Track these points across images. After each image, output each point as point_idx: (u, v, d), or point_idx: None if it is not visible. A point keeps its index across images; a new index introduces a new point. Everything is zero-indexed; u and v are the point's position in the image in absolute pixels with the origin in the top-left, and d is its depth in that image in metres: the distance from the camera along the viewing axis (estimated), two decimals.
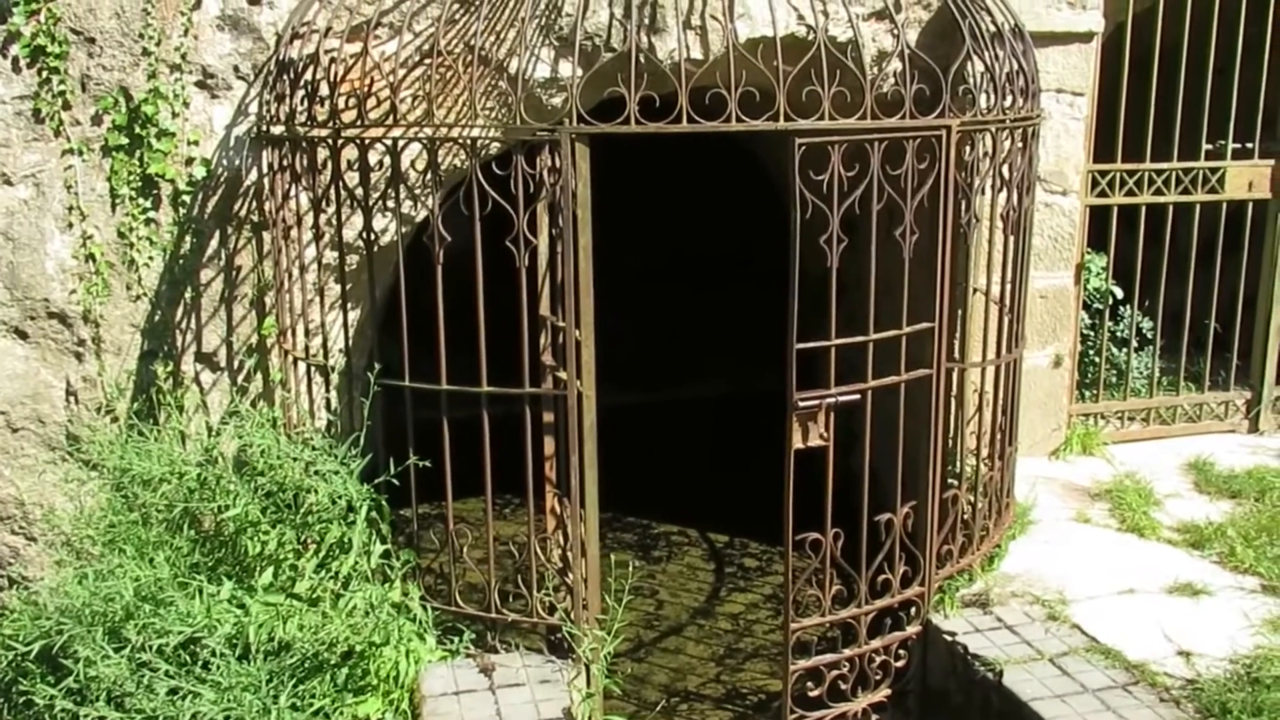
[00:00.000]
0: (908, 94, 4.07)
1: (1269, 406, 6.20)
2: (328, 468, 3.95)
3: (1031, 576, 4.61)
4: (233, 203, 4.72)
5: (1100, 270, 5.89)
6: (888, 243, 4.07)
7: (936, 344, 4.24)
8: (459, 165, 4.48)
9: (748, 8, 4.67)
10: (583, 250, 3.94)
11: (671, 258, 9.48)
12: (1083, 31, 5.26)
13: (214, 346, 4.80)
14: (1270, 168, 5.93)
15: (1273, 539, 4.79)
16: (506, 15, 4.57)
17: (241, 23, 4.61)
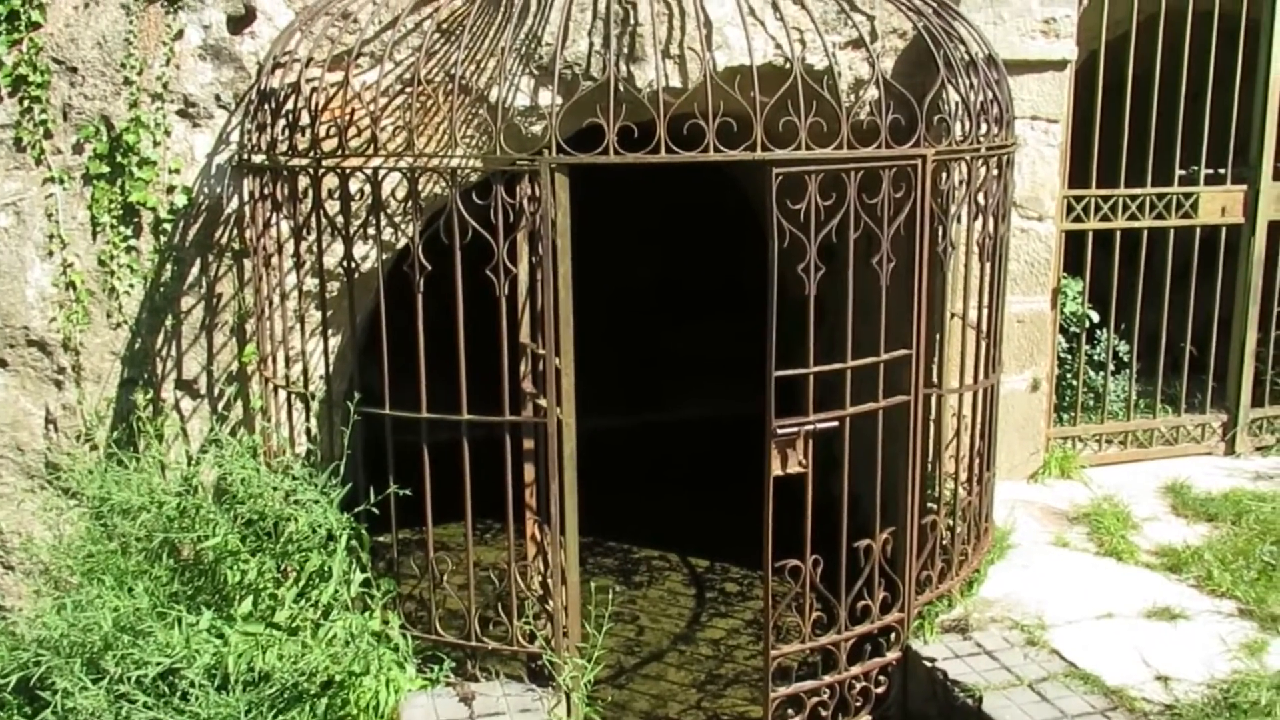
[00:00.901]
0: (883, 124, 4.11)
1: (1245, 429, 6.26)
2: (308, 496, 3.95)
3: (1010, 601, 4.64)
4: (214, 230, 4.73)
5: (1077, 294, 5.94)
6: (866, 269, 4.11)
7: (914, 370, 4.27)
8: (440, 193, 4.50)
9: (726, 37, 4.71)
10: (562, 279, 3.96)
11: (656, 282, 9.51)
12: (1057, 59, 5.33)
13: (194, 374, 4.80)
14: (1243, 193, 6.01)
15: (1249, 562, 4.82)
16: (487, 45, 4.61)
17: (223, 52, 4.64)
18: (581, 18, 4.64)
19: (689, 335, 9.20)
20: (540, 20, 4.62)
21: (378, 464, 4.15)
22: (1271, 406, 6.37)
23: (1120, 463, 6.10)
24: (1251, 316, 6.13)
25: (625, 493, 6.63)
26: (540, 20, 4.62)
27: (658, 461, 7.63)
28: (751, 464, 4.10)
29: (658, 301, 9.42)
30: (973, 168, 4.41)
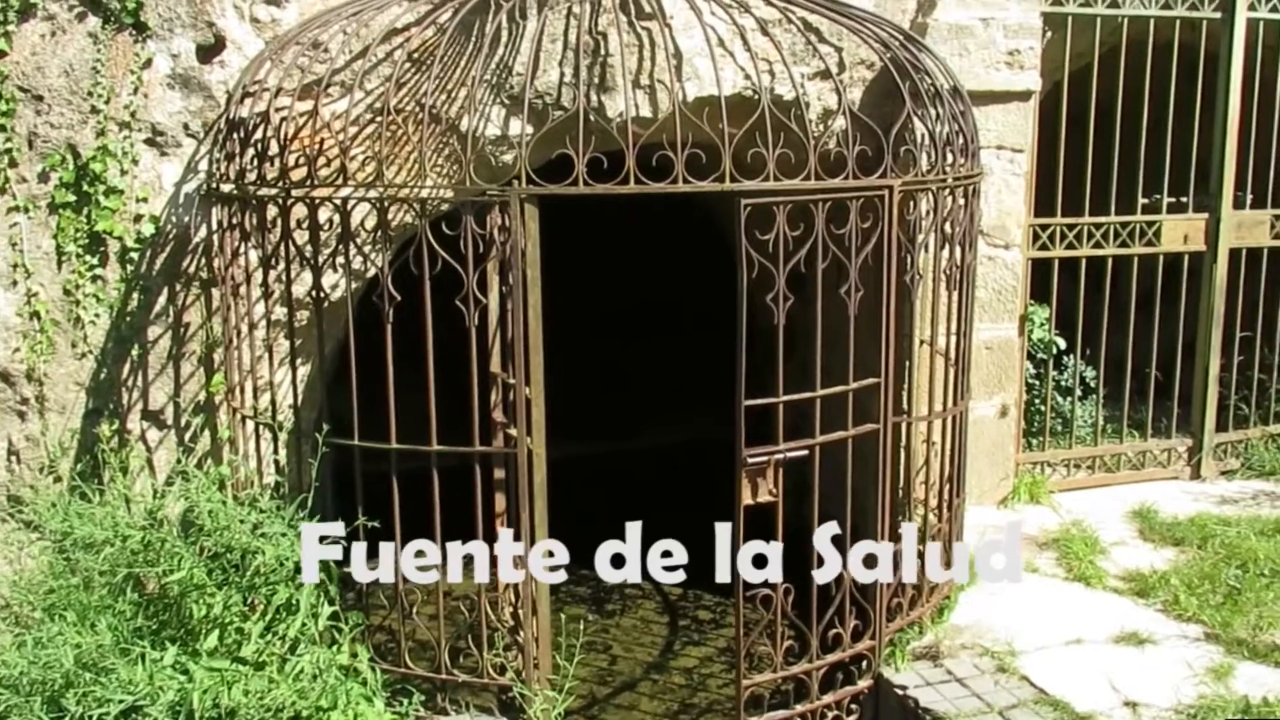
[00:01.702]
0: (850, 155, 4.15)
1: (1210, 453, 6.33)
2: (275, 529, 3.91)
3: (981, 628, 4.65)
4: (181, 260, 4.70)
5: (1044, 321, 6.00)
6: (836, 298, 4.14)
7: (883, 399, 4.30)
8: (410, 222, 4.50)
9: (695, 68, 4.75)
10: (532, 309, 3.96)
11: (629, 307, 9.52)
12: (1021, 90, 5.40)
13: (161, 404, 4.75)
14: (1204, 221, 6.10)
15: (1215, 587, 4.87)
16: (458, 75, 4.63)
17: (192, 81, 4.62)
18: (552, 48, 4.66)
19: (664, 359, 9.20)
20: (511, 50, 4.64)
21: (348, 494, 4.12)
22: (1235, 431, 6.46)
23: (1088, 487, 6.15)
24: (1214, 342, 6.21)
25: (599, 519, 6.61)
26: (511, 50, 4.64)
27: (633, 487, 7.60)
28: (727, 489, 4.10)
29: (631, 326, 9.42)
30: (939, 198, 4.45)
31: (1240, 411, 6.50)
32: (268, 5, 4.66)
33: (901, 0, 5.33)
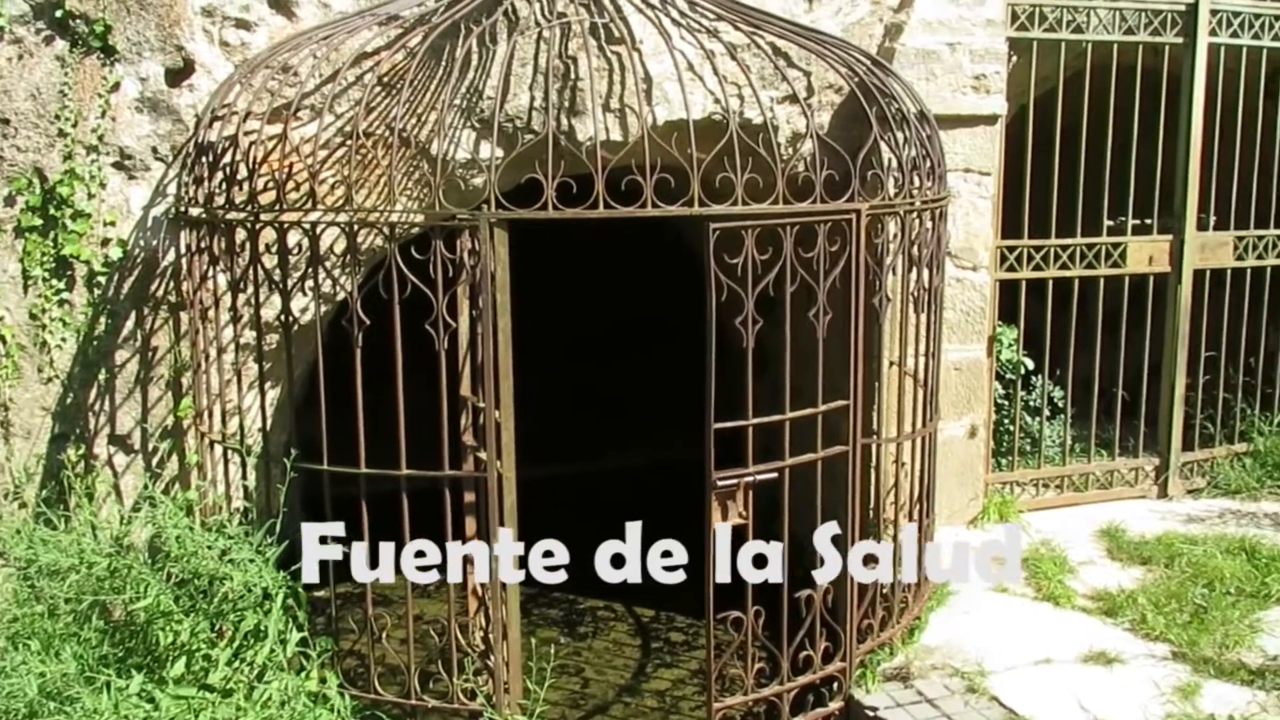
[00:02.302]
0: (818, 179, 4.19)
1: (1176, 472, 6.39)
2: (243, 555, 3.89)
3: (951, 648, 4.67)
4: (149, 283, 4.68)
5: (1012, 342, 6.06)
6: (805, 321, 4.16)
7: (852, 421, 4.32)
8: (380, 246, 4.50)
9: (665, 93, 4.78)
10: (502, 333, 3.97)
11: (602, 328, 9.52)
12: (987, 114, 5.46)
13: (128, 429, 4.72)
14: (1169, 243, 6.18)
15: (1181, 605, 4.91)
16: (428, 99, 4.64)
17: (161, 104, 4.61)
18: (523, 72, 4.69)
19: (636, 381, 9.19)
20: (481, 74, 4.66)
21: (317, 518, 4.10)
22: (1202, 450, 6.52)
23: (1057, 507, 6.19)
24: (1180, 362, 6.28)
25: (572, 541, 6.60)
26: (481, 74, 4.66)
27: (604, 508, 7.59)
28: (699, 511, 4.12)
29: (603, 349, 9.42)
30: (906, 221, 4.50)
31: (1206, 431, 6.57)
32: (237, 29, 4.66)
33: (869, 26, 5.39)
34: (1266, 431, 6.60)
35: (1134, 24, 5.93)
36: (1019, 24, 5.69)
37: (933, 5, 5.34)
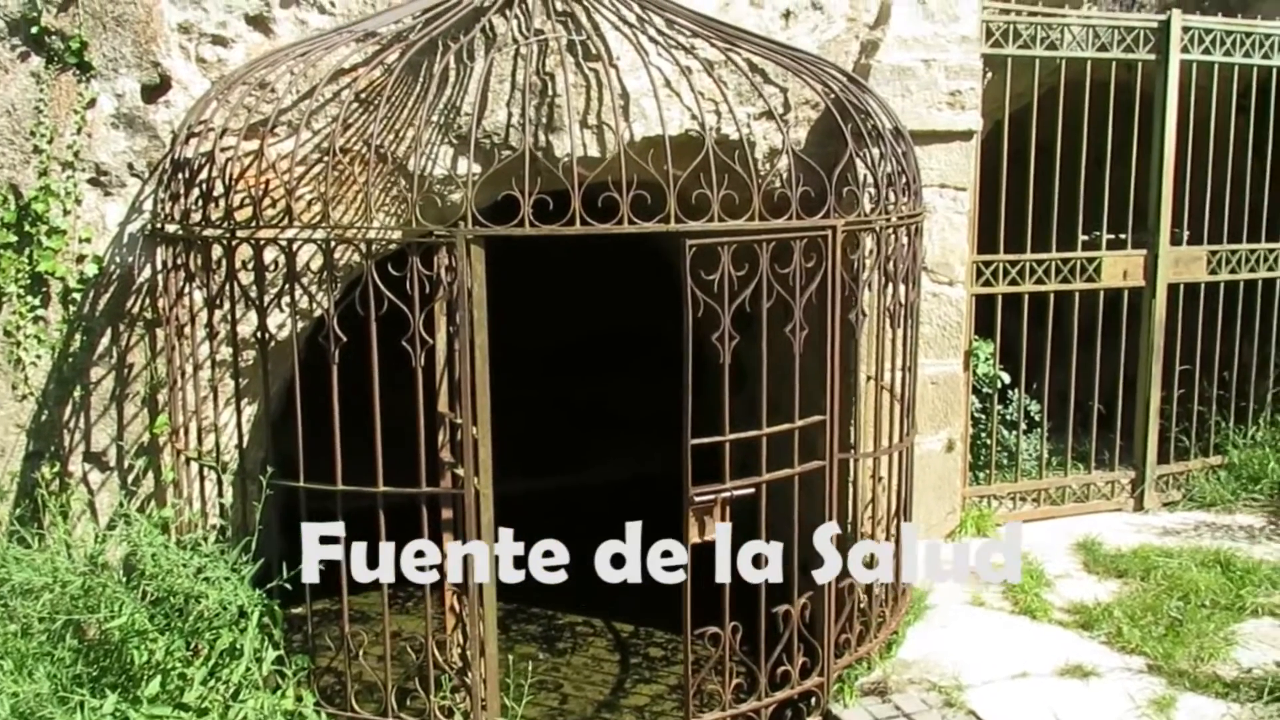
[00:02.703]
0: (794, 195, 4.21)
1: (1152, 485, 6.43)
2: (218, 573, 3.87)
3: (929, 662, 4.69)
4: (125, 300, 4.66)
5: (988, 356, 6.10)
6: (782, 336, 4.18)
7: (829, 436, 4.34)
8: (357, 262, 4.50)
9: (642, 109, 4.80)
10: (479, 349, 3.97)
11: (581, 341, 9.53)
12: (963, 130, 5.50)
13: (103, 446, 4.69)
14: (1143, 257, 6.24)
15: (1157, 618, 4.94)
16: (405, 115, 4.65)
17: (137, 120, 4.60)
18: (500, 88, 4.70)
19: (614, 395, 9.21)
20: (459, 90, 4.67)
21: (295, 534, 4.09)
22: (1177, 463, 6.57)
23: (1034, 520, 6.23)
24: (1155, 376, 6.34)
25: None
26: (459, 90, 4.67)
27: (582, 521, 7.58)
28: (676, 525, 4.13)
29: (582, 362, 9.44)
30: (882, 237, 4.52)
31: (1181, 444, 6.62)
32: (214, 45, 4.66)
33: (845, 43, 5.43)
34: (1241, 444, 6.66)
35: (1107, 41, 6.00)
36: (993, 41, 5.75)
37: (908, 22, 5.39)
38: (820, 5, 5.35)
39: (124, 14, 4.53)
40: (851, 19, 5.44)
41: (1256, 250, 6.55)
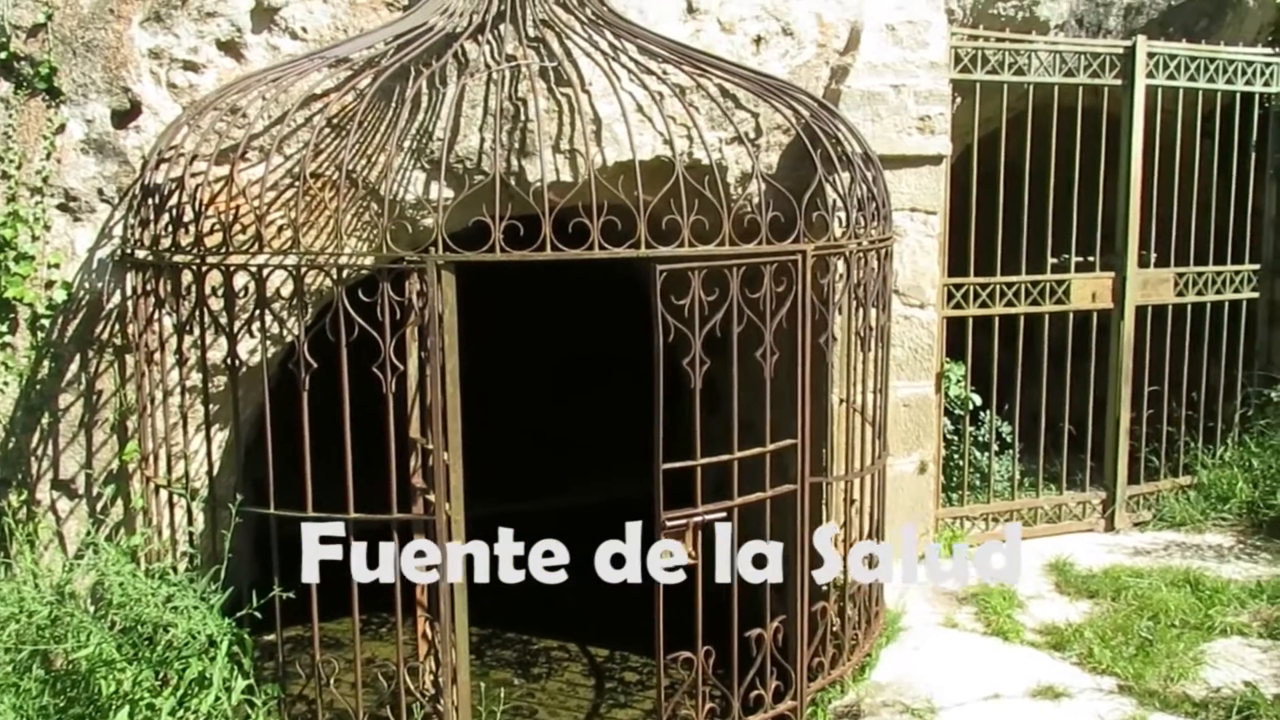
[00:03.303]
0: (764, 220, 4.24)
1: (1123, 505, 6.48)
2: (187, 602, 3.83)
3: (902, 685, 4.69)
4: (94, 326, 4.64)
5: (960, 379, 6.14)
6: (754, 360, 4.20)
7: (800, 460, 4.35)
8: (328, 287, 4.49)
9: (614, 134, 4.82)
10: (450, 375, 3.97)
11: (553, 363, 9.53)
12: (932, 155, 5.56)
13: (72, 473, 4.66)
14: (1111, 279, 6.30)
15: (1128, 639, 4.97)
16: (377, 140, 4.65)
17: (107, 146, 4.59)
18: (473, 113, 4.71)
19: (586, 417, 9.19)
20: (431, 115, 4.69)
21: (268, 559, 4.07)
22: (1147, 483, 6.62)
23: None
24: (1124, 397, 6.39)
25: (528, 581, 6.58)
26: (431, 115, 4.69)
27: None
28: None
29: (554, 384, 9.43)
30: (852, 261, 4.56)
31: (1151, 464, 6.68)
32: (185, 71, 4.66)
33: (815, 68, 5.48)
34: (1209, 464, 6.72)
35: (1074, 66, 6.07)
36: (962, 66, 5.81)
37: (877, 48, 5.45)
38: (791, 31, 5.41)
39: (94, 40, 4.52)
40: (822, 45, 5.49)
41: (1223, 272, 6.64)
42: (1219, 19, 6.54)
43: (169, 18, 4.59)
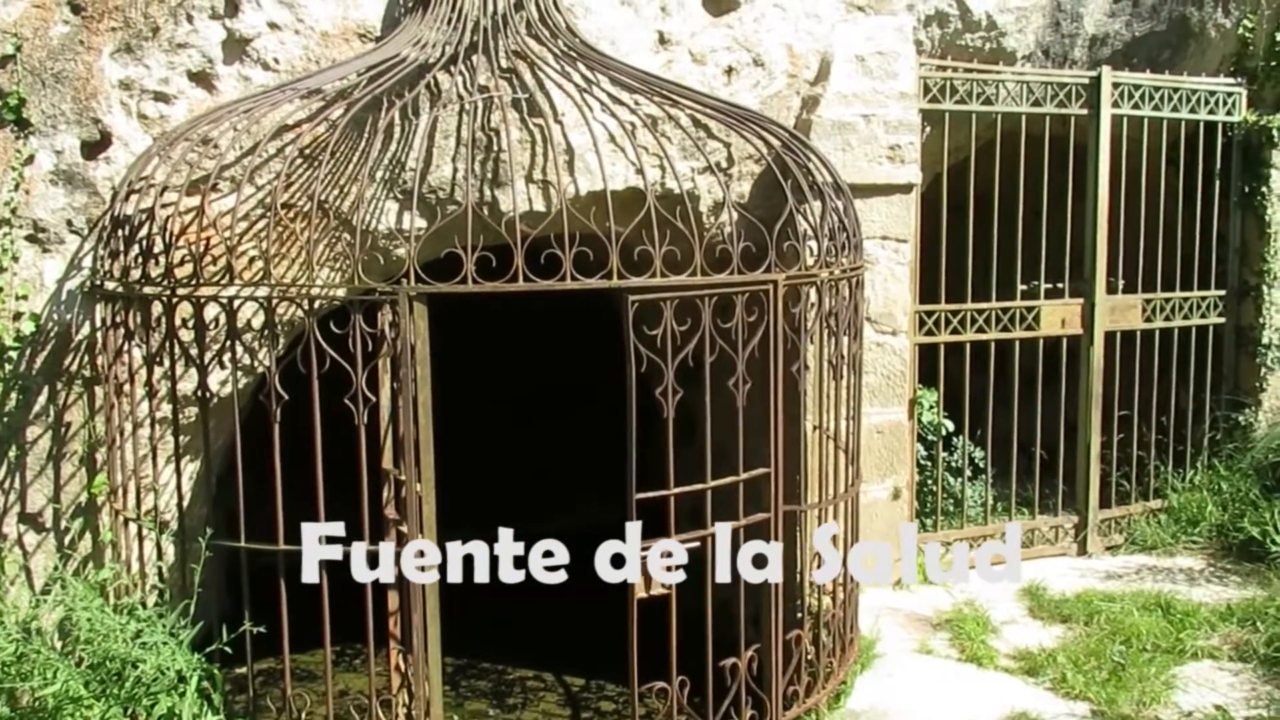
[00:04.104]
0: (735, 250, 4.27)
1: (1095, 529, 6.52)
2: (156, 638, 3.80)
3: (876, 713, 4.69)
4: (63, 358, 4.60)
5: (932, 405, 6.17)
6: (727, 387, 4.21)
7: (773, 488, 4.36)
8: (300, 317, 4.47)
9: (587, 164, 4.84)
10: (422, 406, 3.96)
11: (532, 390, 9.49)
12: (903, 183, 5.61)
13: (39, 507, 4.61)
14: (1080, 305, 6.37)
15: (1100, 663, 4.99)
16: (350, 170, 4.66)
17: (76, 177, 4.57)
18: (445, 144, 4.72)
19: (562, 444, 9.15)
20: (404, 146, 4.70)
21: (238, 591, 4.03)
22: (1119, 507, 6.67)
23: None
24: (1095, 422, 6.44)
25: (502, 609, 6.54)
26: (404, 146, 4.70)
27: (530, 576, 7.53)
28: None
29: (535, 410, 9.40)
30: (824, 290, 4.58)
31: (1122, 488, 6.72)
32: (156, 102, 4.65)
33: (786, 98, 5.53)
34: (1179, 488, 6.77)
35: (1041, 96, 6.16)
36: (931, 96, 5.88)
37: (848, 79, 5.50)
38: (762, 62, 5.46)
39: (64, 71, 4.51)
40: (792, 75, 5.54)
41: (1189, 298, 6.72)
42: (1182, 50, 6.65)
43: (140, 49, 4.59)
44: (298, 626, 4.11)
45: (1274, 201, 6.70)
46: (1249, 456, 6.72)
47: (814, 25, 5.59)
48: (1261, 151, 6.71)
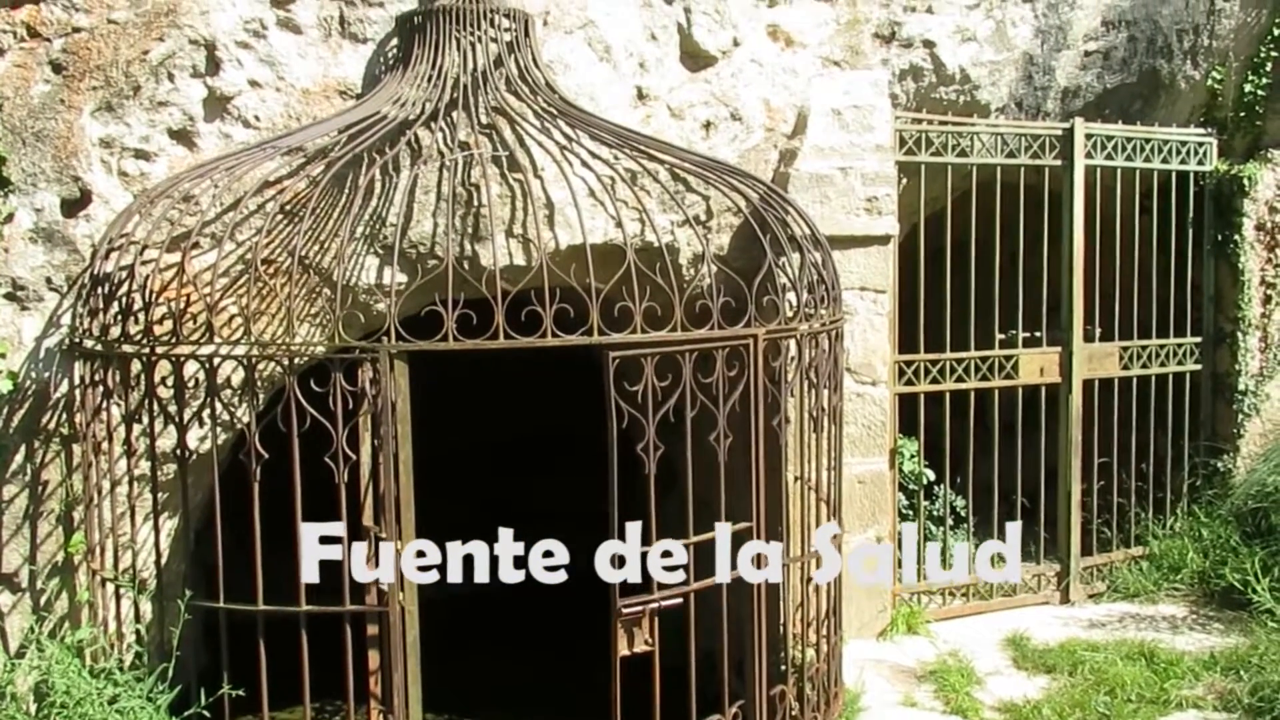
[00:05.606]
0: (715, 305, 4.29)
1: (1077, 577, 6.52)
2: (133, 703, 3.75)
3: None
4: (41, 416, 4.57)
5: (913, 454, 6.19)
6: (708, 440, 4.22)
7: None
8: (279, 374, 4.46)
9: (567, 218, 4.88)
10: (403, 464, 3.95)
11: (513, 441, 9.47)
12: (880, 235, 5.66)
13: (15, 566, 4.55)
14: (1058, 354, 6.42)
15: (1085, 714, 4.98)
16: (330, 226, 4.67)
17: (56, 235, 4.57)
18: (426, 199, 4.75)
19: (550, 493, 9.12)
20: (384, 201, 4.72)
21: (217, 648, 3.99)
22: (1100, 555, 6.68)
23: (964, 615, 6.26)
24: (1075, 469, 6.47)
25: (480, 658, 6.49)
26: (384, 201, 4.72)
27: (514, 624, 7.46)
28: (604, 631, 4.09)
29: (517, 460, 9.37)
30: (803, 344, 4.61)
31: (1103, 535, 6.74)
32: (137, 159, 4.66)
33: (764, 152, 5.59)
34: (1160, 535, 6.79)
35: (1015, 147, 6.24)
36: (907, 148, 5.95)
37: (824, 132, 5.57)
38: (739, 116, 5.52)
39: (44, 129, 4.52)
40: (770, 129, 5.61)
41: (1166, 345, 6.78)
42: (1153, 101, 6.76)
43: (121, 107, 4.60)
44: (277, 682, 4.06)
45: (1246, 249, 6.78)
46: (1228, 503, 6.75)
47: (790, 80, 5.67)
48: (1233, 200, 6.81)
